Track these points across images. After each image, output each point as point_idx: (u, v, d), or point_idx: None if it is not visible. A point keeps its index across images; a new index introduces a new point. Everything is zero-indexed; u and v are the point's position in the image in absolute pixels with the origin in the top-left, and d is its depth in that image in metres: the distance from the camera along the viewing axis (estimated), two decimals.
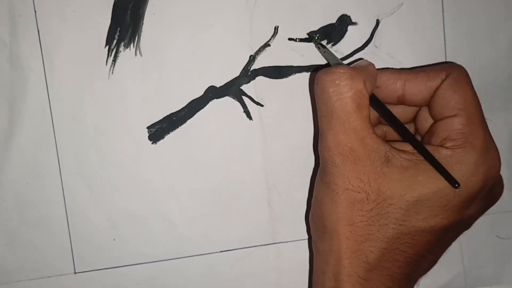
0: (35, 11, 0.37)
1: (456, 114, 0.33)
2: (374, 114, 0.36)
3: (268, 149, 0.40)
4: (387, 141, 0.34)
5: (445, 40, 0.40)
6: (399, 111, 0.36)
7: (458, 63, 0.39)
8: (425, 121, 0.36)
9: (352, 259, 0.33)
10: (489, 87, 0.34)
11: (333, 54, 0.37)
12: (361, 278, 0.33)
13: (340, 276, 0.33)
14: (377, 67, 0.39)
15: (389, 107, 0.35)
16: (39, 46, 0.37)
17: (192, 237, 0.40)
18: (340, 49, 0.39)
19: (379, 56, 0.40)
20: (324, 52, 0.37)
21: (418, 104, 0.36)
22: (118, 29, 0.38)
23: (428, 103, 0.35)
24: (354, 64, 0.36)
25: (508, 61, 0.40)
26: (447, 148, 0.33)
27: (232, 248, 0.41)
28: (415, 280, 0.36)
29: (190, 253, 0.41)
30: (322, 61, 0.39)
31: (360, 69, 0.34)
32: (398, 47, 0.40)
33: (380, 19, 0.39)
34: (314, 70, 0.39)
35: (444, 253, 0.36)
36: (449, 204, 0.33)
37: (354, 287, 0.33)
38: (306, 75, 0.39)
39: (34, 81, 0.38)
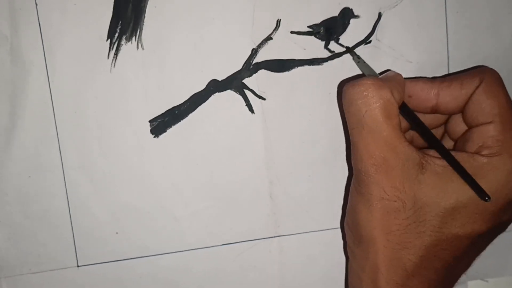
0: (36, 4, 0.37)
1: (491, 121, 0.33)
2: (403, 120, 0.36)
3: (270, 142, 0.40)
4: (417, 146, 0.34)
5: (447, 33, 0.40)
6: (430, 117, 0.36)
7: (461, 56, 0.40)
8: (457, 125, 0.36)
9: (390, 266, 0.33)
10: None
11: (367, 65, 0.37)
12: (399, 284, 0.33)
13: (378, 283, 0.33)
14: (379, 60, 0.40)
15: (421, 114, 0.35)
16: (40, 39, 0.37)
17: (194, 231, 0.40)
18: (342, 42, 0.39)
19: (381, 49, 0.39)
20: (358, 62, 0.37)
21: (452, 112, 0.36)
22: (120, 22, 0.38)
23: (462, 110, 0.35)
24: (382, 75, 0.36)
25: (511, 54, 0.40)
26: (483, 155, 0.33)
27: (234, 241, 0.41)
28: (451, 284, 0.36)
29: (192, 247, 0.41)
30: (324, 54, 0.39)
31: (387, 79, 0.34)
32: (400, 40, 0.40)
33: (382, 12, 0.39)
34: (340, 82, 0.39)
35: None
36: (486, 211, 0.33)
37: None
38: (308, 69, 0.39)
39: (36, 75, 0.37)
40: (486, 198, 0.32)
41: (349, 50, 0.39)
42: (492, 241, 0.36)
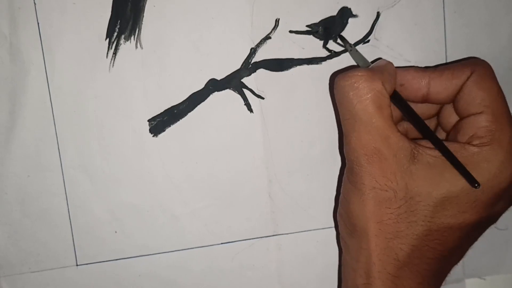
0: (35, 4, 0.37)
1: (482, 111, 0.33)
2: (396, 111, 0.36)
3: (269, 141, 0.40)
4: (410, 138, 0.34)
5: (445, 33, 0.40)
6: (422, 107, 0.37)
7: (458, 55, 0.40)
8: (449, 116, 0.36)
9: (382, 256, 0.33)
10: None
11: (360, 54, 0.37)
12: (392, 275, 0.33)
13: (371, 273, 0.34)
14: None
15: (413, 104, 0.35)
16: (39, 38, 0.37)
17: (193, 229, 0.41)
18: (341, 42, 0.39)
19: (379, 48, 0.40)
20: (351, 50, 0.37)
21: (443, 102, 0.36)
22: (119, 21, 0.38)
23: (453, 100, 0.35)
24: (373, 64, 0.36)
25: (508, 53, 0.40)
26: (474, 145, 0.33)
27: (233, 240, 0.41)
28: (444, 275, 0.36)
29: (191, 245, 0.41)
30: (323, 53, 0.39)
31: (378, 69, 0.34)
32: (398, 40, 0.40)
33: (380, 12, 0.39)
34: (333, 74, 0.39)
35: None
36: (477, 201, 0.33)
37: (385, 283, 0.33)
38: (307, 68, 0.39)
39: (35, 74, 0.38)
40: (476, 185, 0.32)
41: (341, 37, 0.38)
42: (483, 232, 0.36)
